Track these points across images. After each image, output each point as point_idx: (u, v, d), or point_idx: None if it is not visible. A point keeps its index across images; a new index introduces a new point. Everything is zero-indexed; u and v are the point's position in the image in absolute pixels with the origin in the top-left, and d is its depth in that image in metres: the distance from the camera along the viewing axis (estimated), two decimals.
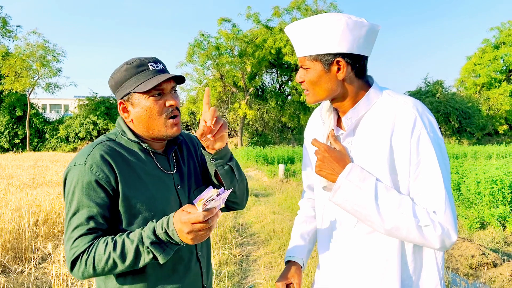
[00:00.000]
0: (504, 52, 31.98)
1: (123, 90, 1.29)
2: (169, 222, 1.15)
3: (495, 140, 29.65)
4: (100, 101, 31.63)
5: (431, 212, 1.13)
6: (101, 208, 1.21)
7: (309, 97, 1.28)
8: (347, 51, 1.18)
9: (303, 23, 1.22)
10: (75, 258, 1.18)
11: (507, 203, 6.21)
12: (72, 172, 1.24)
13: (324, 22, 1.18)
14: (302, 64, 1.25)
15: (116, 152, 1.27)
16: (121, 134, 1.33)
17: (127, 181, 1.25)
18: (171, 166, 1.38)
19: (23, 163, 17.06)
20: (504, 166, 9.48)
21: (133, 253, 1.15)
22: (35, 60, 30.23)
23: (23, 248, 4.64)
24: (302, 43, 1.22)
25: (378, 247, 1.23)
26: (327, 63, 1.20)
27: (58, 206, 5.92)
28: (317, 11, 26.49)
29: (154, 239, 1.15)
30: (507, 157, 15.74)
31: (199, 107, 26.26)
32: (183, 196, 1.38)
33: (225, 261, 4.58)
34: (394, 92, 1.27)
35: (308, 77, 1.24)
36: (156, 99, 1.27)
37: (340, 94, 1.25)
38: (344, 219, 1.29)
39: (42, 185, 9.42)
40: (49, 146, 31.02)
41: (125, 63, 1.30)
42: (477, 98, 31.38)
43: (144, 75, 1.27)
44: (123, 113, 1.32)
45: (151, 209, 1.27)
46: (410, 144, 1.15)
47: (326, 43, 1.18)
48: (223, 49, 25.75)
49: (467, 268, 4.32)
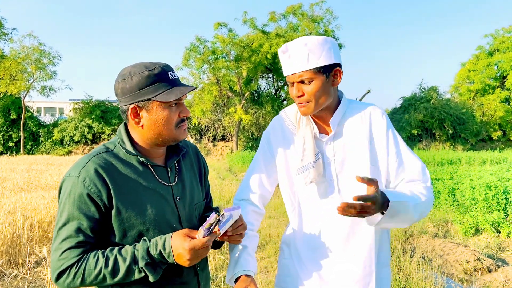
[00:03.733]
0: (498, 59, 32.24)
1: (140, 95, 1.26)
2: (166, 244, 1.17)
3: (489, 146, 29.82)
4: (96, 104, 31.48)
5: (419, 181, 1.47)
6: (90, 221, 1.21)
7: (309, 108, 1.44)
8: (339, 62, 1.44)
9: (301, 42, 1.40)
10: (63, 270, 1.19)
11: (501, 209, 6.25)
12: (66, 183, 1.25)
13: (319, 40, 1.40)
14: (301, 78, 1.40)
15: (111, 165, 1.26)
16: (120, 144, 1.32)
17: (121, 194, 1.25)
18: (170, 178, 1.37)
19: (17, 166, 16.94)
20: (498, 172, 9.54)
21: (125, 271, 1.17)
22: (30, 63, 30.09)
23: (17, 252, 4.61)
24: (304, 59, 1.39)
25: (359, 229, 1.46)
26: (328, 73, 1.41)
27: (53, 210, 5.89)
28: (313, 17, 26.61)
29: (148, 260, 1.17)
30: (501, 163, 15.84)
31: (194, 111, 26.24)
32: (182, 209, 1.37)
33: (221, 265, 4.57)
34: (356, 101, 1.57)
35: (311, 89, 1.41)
36: (173, 109, 1.29)
37: (330, 102, 1.47)
38: (325, 213, 1.48)
39: (36, 189, 9.36)
40: (43, 150, 30.83)
41: (144, 67, 1.27)
42: (471, 104, 31.58)
43: (165, 84, 1.27)
44: (133, 118, 1.29)
45: (145, 222, 1.27)
46: (386, 136, 1.47)
47: (326, 57, 1.39)
48: (219, 54, 25.77)
49: (462, 273, 4.34)
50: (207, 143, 29.90)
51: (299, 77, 1.40)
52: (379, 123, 1.48)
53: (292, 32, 26.38)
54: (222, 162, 23.65)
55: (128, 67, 1.29)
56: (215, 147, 29.76)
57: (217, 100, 27.22)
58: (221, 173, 16.69)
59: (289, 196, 1.57)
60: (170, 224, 1.32)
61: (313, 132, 1.49)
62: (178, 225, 1.34)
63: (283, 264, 1.62)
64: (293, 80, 1.43)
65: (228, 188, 10.03)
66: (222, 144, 29.78)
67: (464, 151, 26.51)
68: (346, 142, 1.48)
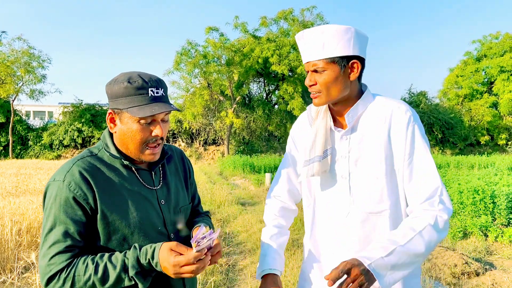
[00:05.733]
0: (485, 65, 32.74)
1: (116, 104, 1.28)
2: (154, 254, 1.19)
3: (477, 151, 30.19)
4: (86, 108, 31.24)
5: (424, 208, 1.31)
6: (77, 225, 1.21)
7: (321, 99, 1.39)
8: (359, 55, 1.36)
9: (319, 30, 1.34)
10: (52, 275, 1.19)
11: (488, 213, 6.34)
12: (51, 188, 1.25)
13: (338, 29, 1.33)
14: (315, 68, 1.36)
15: (96, 168, 1.27)
16: (104, 148, 1.33)
17: (106, 198, 1.25)
18: (155, 182, 1.38)
19: (5, 171, 16.72)
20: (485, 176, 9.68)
21: (115, 279, 1.18)
22: (19, 66, 29.77)
23: (5, 257, 4.55)
24: (317, 48, 1.33)
25: (371, 231, 1.38)
26: (343, 65, 1.35)
27: (41, 215, 5.82)
28: (303, 22, 26.78)
29: (138, 269, 1.19)
30: (489, 167, 16.04)
31: (185, 115, 26.17)
32: (167, 212, 1.38)
33: (211, 270, 4.56)
34: (385, 96, 1.45)
35: (322, 79, 1.36)
36: (143, 126, 1.27)
37: (346, 95, 1.39)
38: (336, 211, 1.43)
39: (25, 193, 9.26)
40: (32, 154, 30.48)
41: (127, 78, 1.27)
42: (459, 109, 31.99)
43: (141, 99, 1.25)
44: (109, 123, 1.32)
45: (130, 225, 1.28)
46: (406, 135, 1.35)
47: (343, 47, 1.33)
48: (210, 58, 25.78)
49: (450, 277, 4.39)
50: (198, 147, 29.82)
51: (313, 65, 1.36)
52: (400, 121, 1.36)
53: (283, 37, 26.51)
54: (213, 166, 23.61)
55: (121, 74, 1.31)
56: (206, 151, 29.69)
57: (208, 104, 27.20)
58: (212, 177, 16.66)
59: (306, 191, 1.53)
60: (155, 227, 1.33)
61: (328, 125, 1.43)
62: (163, 228, 1.35)
63: (301, 268, 1.60)
64: (308, 69, 1.39)
65: (219, 193, 10.02)
66: (213, 148, 29.73)
67: (453, 155, 26.82)
68: (363, 139, 1.39)
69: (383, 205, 1.37)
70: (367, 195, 1.38)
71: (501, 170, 12.15)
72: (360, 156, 1.39)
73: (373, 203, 1.38)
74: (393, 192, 1.38)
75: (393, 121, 1.36)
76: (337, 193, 1.43)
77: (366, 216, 1.38)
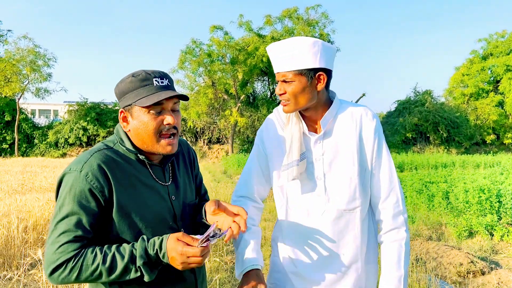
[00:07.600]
0: (491, 63, 32.53)
1: (125, 101, 1.31)
2: (162, 244, 1.19)
3: (483, 150, 30.02)
4: (91, 106, 31.38)
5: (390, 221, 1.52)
6: (90, 217, 1.22)
7: (290, 107, 1.49)
8: (325, 67, 1.44)
9: (288, 42, 1.43)
10: (59, 264, 1.18)
11: (494, 212, 6.31)
12: (67, 178, 1.25)
13: (306, 43, 1.41)
14: (284, 78, 1.45)
15: (113, 160, 1.28)
16: (119, 142, 1.34)
17: (122, 190, 1.26)
18: (166, 178, 1.40)
19: (11, 169, 16.85)
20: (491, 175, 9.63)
21: (122, 269, 1.18)
22: (25, 65, 29.96)
23: (12, 254, 4.59)
24: (287, 60, 1.43)
25: (344, 227, 1.50)
26: (311, 77, 1.43)
27: (47, 212, 5.87)
28: (308, 20, 26.75)
29: (146, 259, 1.18)
30: (495, 166, 15.96)
31: (190, 114, 26.23)
32: (178, 208, 1.39)
33: (216, 268, 4.58)
34: (350, 103, 1.59)
35: (291, 89, 1.45)
36: (155, 115, 1.29)
37: (314, 103, 1.49)
38: (311, 210, 1.52)
39: (31, 191, 9.33)
40: (38, 152, 30.67)
41: (131, 74, 1.31)
42: (465, 108, 31.80)
43: (147, 89, 1.28)
44: (122, 122, 1.34)
45: (145, 219, 1.29)
46: (374, 138, 1.50)
47: (310, 60, 1.41)
48: (215, 56, 25.81)
49: (456, 276, 4.37)
50: (203, 146, 29.89)
51: (282, 76, 1.45)
52: (369, 125, 1.51)
53: (288, 36, 26.47)
54: (218, 165, 23.64)
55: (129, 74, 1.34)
56: (210, 149, 29.75)
57: (212, 103, 27.25)
58: (216, 176, 16.68)
59: (278, 192, 1.60)
60: (167, 222, 1.35)
61: (301, 130, 1.51)
62: (173, 224, 1.37)
63: (272, 261, 1.67)
64: (278, 79, 1.48)
65: (224, 191, 10.03)
66: (218, 147, 29.79)
67: (458, 154, 26.69)
68: (336, 142, 1.50)
69: (356, 202, 1.50)
70: (341, 194, 1.49)
71: (507, 169, 12.07)
72: (334, 158, 1.50)
73: (347, 201, 1.49)
74: (364, 190, 1.52)
75: (363, 126, 1.51)
76: (313, 193, 1.52)
77: (341, 214, 1.49)
